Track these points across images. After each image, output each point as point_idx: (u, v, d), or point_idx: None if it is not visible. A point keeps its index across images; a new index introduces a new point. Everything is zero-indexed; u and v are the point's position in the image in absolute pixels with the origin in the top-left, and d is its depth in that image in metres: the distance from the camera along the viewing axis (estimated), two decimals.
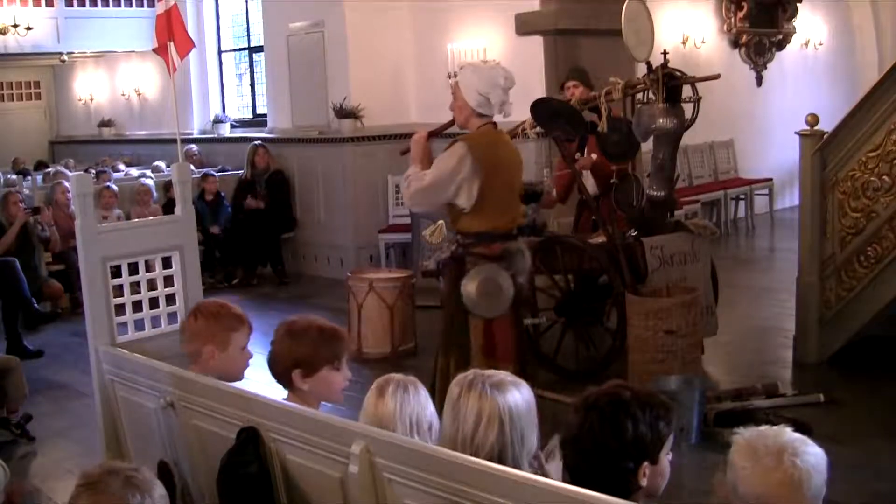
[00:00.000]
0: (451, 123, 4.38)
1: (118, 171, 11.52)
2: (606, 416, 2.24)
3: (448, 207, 4.25)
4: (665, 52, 5.47)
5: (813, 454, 2.14)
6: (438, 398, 2.87)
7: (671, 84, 5.33)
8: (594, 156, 6.06)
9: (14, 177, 10.47)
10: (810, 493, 2.11)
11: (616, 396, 2.28)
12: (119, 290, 3.65)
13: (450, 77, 8.47)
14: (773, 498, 2.09)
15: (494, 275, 4.15)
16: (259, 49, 11.15)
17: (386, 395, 2.62)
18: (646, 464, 2.23)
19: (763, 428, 2.21)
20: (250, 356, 3.17)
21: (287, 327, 2.92)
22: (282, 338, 2.90)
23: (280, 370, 2.88)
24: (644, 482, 2.23)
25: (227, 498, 2.66)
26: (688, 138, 6.41)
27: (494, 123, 4.27)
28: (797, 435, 2.18)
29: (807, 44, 12.63)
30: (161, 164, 11.30)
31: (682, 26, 10.89)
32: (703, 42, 11.15)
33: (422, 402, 2.65)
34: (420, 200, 4.29)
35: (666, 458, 2.29)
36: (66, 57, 13.51)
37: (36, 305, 7.74)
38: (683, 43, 10.79)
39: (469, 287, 4.15)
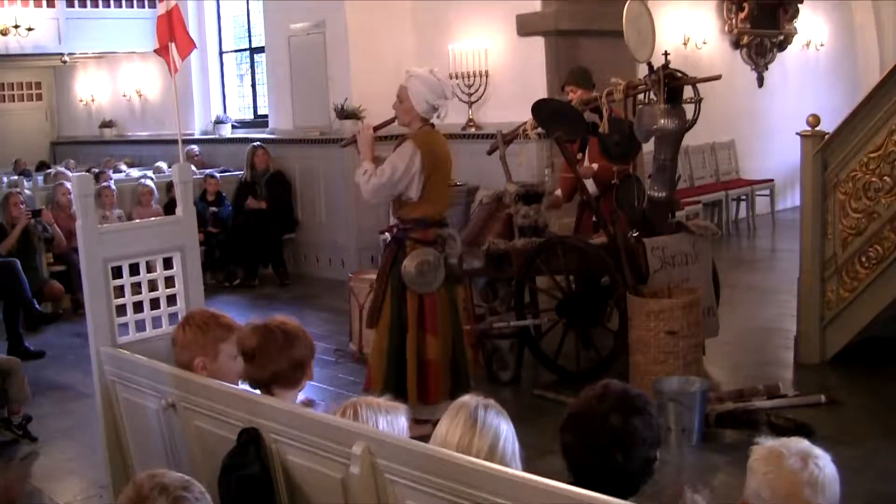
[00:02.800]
0: (393, 120, 5.05)
1: (120, 171, 11.53)
2: (624, 429, 2.30)
3: (395, 197, 4.92)
4: (666, 53, 5.47)
5: (832, 467, 2.21)
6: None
7: (672, 85, 5.33)
8: (595, 165, 6.07)
9: (15, 178, 10.47)
10: (829, 502, 2.17)
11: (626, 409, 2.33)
12: (120, 291, 3.65)
13: (448, 76, 8.46)
14: (799, 498, 2.14)
15: (430, 257, 4.81)
16: (260, 50, 11.14)
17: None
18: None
19: (781, 439, 2.28)
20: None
21: (282, 331, 2.91)
22: (280, 345, 2.88)
23: (284, 372, 2.87)
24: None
25: (229, 499, 2.65)
26: (689, 139, 6.41)
27: (432, 125, 4.93)
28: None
29: (808, 44, 12.62)
30: (162, 164, 11.31)
31: (684, 27, 10.87)
32: (705, 43, 11.14)
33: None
34: (380, 194, 4.92)
35: None
36: (67, 58, 13.49)
37: (37, 306, 7.74)
38: (685, 44, 10.78)
39: (409, 266, 4.79)
